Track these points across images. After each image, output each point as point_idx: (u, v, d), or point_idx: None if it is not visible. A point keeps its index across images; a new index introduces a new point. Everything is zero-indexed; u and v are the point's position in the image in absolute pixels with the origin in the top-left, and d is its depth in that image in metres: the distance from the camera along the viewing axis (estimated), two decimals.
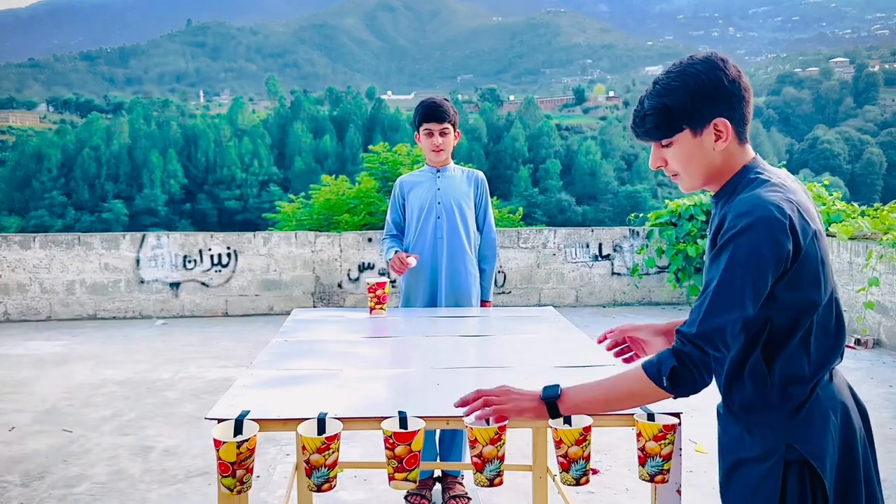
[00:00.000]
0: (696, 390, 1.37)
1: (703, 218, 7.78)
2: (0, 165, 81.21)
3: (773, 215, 1.29)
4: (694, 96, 1.38)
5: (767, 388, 1.38)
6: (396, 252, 3.07)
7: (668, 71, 1.43)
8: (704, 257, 1.54)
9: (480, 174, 3.28)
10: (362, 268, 7.98)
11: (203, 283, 7.86)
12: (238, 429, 1.56)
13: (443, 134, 3.07)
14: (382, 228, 3.32)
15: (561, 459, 1.56)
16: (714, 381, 1.48)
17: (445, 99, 3.14)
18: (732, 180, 1.43)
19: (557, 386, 1.50)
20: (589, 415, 1.54)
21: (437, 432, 3.07)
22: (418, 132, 3.12)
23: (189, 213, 76.82)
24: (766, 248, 1.28)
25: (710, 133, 1.40)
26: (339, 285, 7.99)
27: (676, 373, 1.35)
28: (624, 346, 1.79)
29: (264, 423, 1.61)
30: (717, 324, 1.31)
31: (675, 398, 1.40)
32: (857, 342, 6.05)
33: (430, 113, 3.05)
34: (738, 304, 1.30)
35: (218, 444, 1.48)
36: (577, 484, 1.56)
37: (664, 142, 1.44)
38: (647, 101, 1.42)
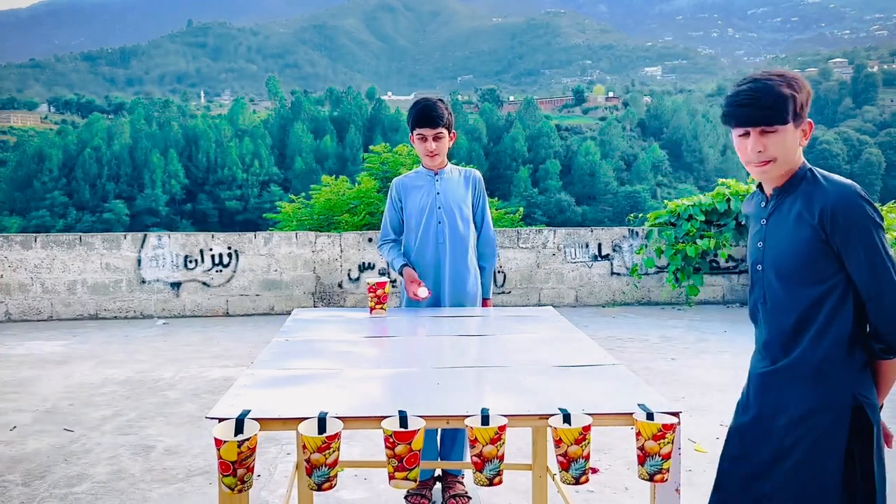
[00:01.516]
0: None
1: (702, 218, 7.78)
2: (1, 166, 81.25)
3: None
4: (806, 97, 1.68)
5: (844, 346, 1.67)
6: (406, 268, 3.08)
7: (780, 74, 1.68)
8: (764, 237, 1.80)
9: (477, 173, 3.25)
10: (363, 268, 7.99)
11: (204, 283, 7.87)
12: (239, 428, 1.56)
13: (437, 139, 3.01)
14: None
15: (560, 458, 1.57)
16: (766, 342, 1.79)
17: (440, 100, 3.06)
18: (798, 173, 1.73)
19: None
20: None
21: (438, 431, 3.07)
22: (412, 134, 3.07)
23: (190, 214, 76.87)
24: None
25: (801, 130, 1.70)
26: (340, 285, 8.00)
27: None
28: None
29: (265, 423, 1.62)
30: None
31: None
32: None
33: (423, 118, 2.97)
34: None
35: (219, 443, 1.49)
36: (577, 483, 1.56)
37: (774, 128, 1.66)
38: (771, 90, 1.64)
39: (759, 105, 1.64)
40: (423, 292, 3.00)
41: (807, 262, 1.68)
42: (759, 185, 1.86)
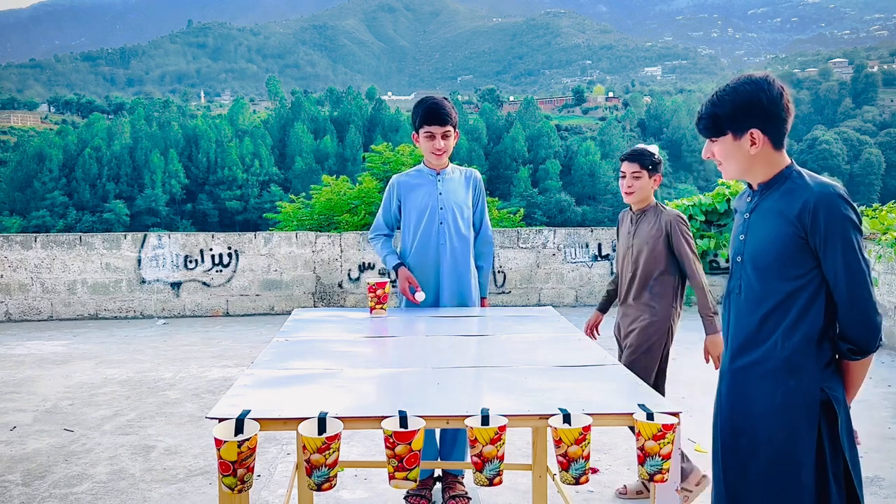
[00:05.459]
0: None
1: (702, 218, 7.79)
2: (1, 166, 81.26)
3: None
4: (737, 110, 1.73)
5: (813, 343, 1.72)
6: (402, 268, 3.08)
7: (726, 85, 1.78)
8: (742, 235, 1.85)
9: (477, 174, 3.25)
10: (363, 268, 7.99)
11: (204, 283, 7.87)
12: (239, 428, 1.56)
13: (445, 137, 3.00)
14: None
15: (560, 458, 1.57)
16: (738, 338, 1.82)
17: (445, 98, 3.07)
18: (784, 172, 1.77)
19: None
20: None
21: (438, 431, 3.07)
22: (418, 133, 3.05)
23: (190, 214, 76.87)
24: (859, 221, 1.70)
25: (747, 139, 1.75)
26: (340, 285, 8.00)
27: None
28: None
29: (265, 423, 1.62)
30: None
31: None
32: None
33: (433, 116, 2.96)
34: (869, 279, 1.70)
35: (219, 443, 1.49)
36: (577, 483, 1.56)
37: (713, 139, 1.81)
38: (705, 107, 1.80)
39: (697, 120, 1.83)
40: (420, 296, 3.02)
41: (784, 256, 1.72)
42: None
